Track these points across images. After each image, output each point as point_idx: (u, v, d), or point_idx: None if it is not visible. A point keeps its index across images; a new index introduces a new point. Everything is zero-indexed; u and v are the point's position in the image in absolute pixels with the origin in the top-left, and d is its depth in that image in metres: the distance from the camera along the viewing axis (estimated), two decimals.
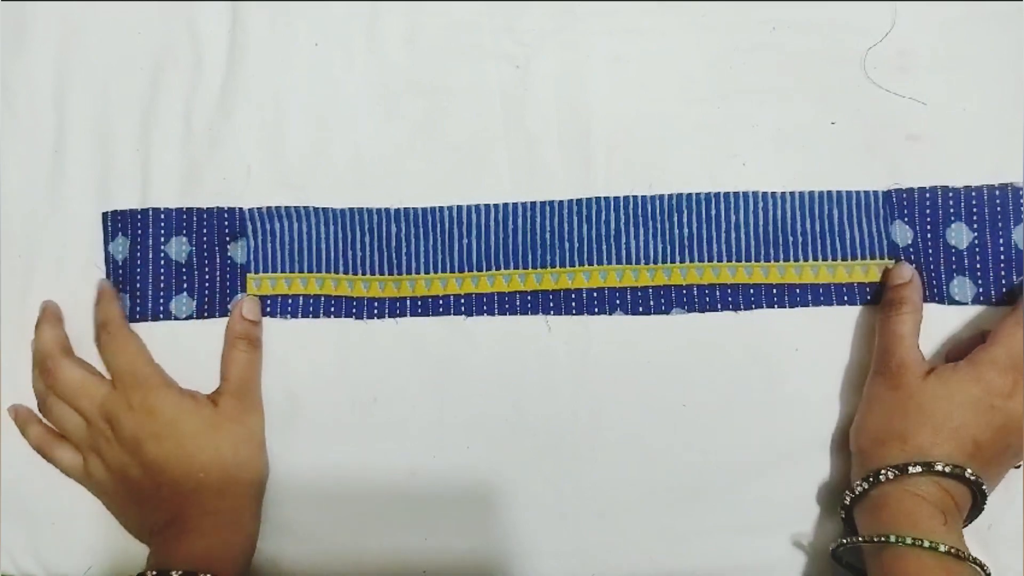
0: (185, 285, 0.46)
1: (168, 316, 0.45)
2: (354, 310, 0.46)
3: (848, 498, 0.40)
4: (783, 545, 0.43)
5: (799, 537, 0.43)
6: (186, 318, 0.46)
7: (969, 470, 0.38)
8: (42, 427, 0.45)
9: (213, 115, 0.48)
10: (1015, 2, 0.48)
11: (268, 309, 0.46)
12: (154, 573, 0.38)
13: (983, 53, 0.47)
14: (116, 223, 0.46)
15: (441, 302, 0.46)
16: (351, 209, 0.46)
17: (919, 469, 0.38)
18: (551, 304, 0.45)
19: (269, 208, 0.45)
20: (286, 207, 0.45)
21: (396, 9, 0.49)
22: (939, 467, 0.38)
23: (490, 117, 0.48)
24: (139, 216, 0.46)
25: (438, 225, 0.46)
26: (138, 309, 0.46)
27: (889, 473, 0.39)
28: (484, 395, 0.45)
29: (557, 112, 0.47)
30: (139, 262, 0.46)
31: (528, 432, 0.44)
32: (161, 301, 0.46)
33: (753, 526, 0.43)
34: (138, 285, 0.46)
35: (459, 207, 0.46)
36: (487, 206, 0.46)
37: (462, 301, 0.46)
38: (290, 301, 0.46)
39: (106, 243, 0.46)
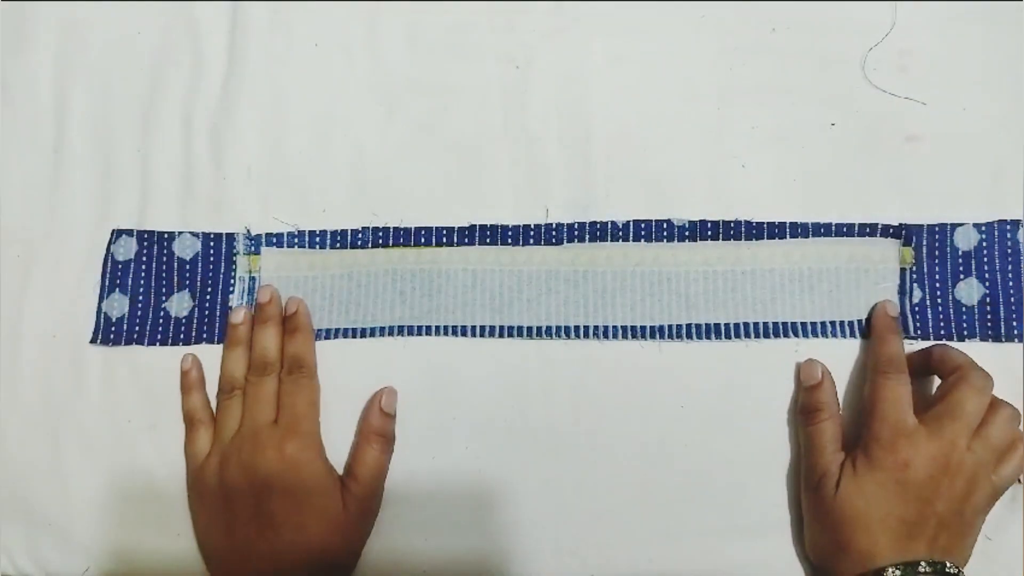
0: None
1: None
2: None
3: None
4: (783, 545, 0.43)
5: (799, 537, 0.43)
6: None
7: (919, 559, 0.38)
8: (203, 398, 0.44)
9: (213, 115, 0.48)
10: (1015, 2, 0.48)
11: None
12: None
13: (983, 53, 0.47)
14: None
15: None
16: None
17: None
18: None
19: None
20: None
21: (396, 9, 0.49)
22: (890, 572, 0.37)
23: (490, 117, 0.48)
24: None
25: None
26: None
27: None
28: (484, 395, 0.45)
29: (557, 112, 0.48)
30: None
31: (528, 432, 0.44)
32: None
33: (753, 526, 0.43)
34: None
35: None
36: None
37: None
38: None
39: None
